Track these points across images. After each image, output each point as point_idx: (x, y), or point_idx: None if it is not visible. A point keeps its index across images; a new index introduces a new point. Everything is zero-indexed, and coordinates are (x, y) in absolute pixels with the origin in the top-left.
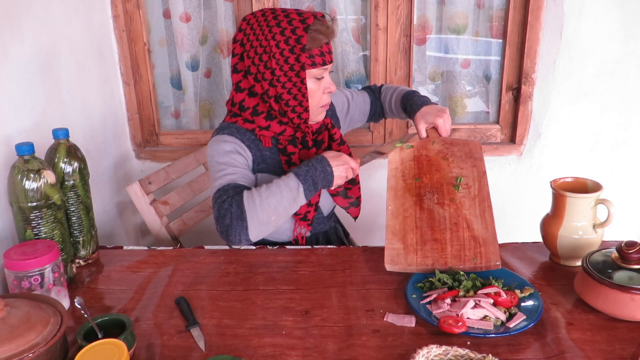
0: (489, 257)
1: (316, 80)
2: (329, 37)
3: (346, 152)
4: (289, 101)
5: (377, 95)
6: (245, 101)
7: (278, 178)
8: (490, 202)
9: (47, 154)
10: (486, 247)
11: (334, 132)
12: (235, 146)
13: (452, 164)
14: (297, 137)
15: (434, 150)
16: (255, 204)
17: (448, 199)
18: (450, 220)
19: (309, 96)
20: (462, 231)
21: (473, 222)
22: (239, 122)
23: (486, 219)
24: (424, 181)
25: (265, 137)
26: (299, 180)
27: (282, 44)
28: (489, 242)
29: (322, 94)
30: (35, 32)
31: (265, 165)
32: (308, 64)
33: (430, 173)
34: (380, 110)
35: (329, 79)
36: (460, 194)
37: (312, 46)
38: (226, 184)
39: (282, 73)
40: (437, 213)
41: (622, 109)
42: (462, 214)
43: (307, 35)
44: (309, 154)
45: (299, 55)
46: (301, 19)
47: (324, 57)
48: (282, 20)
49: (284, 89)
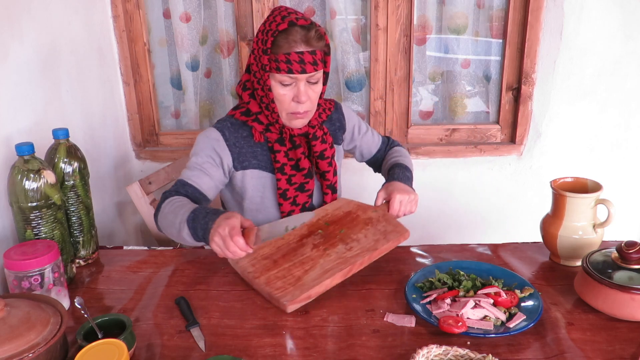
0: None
1: (283, 86)
2: (309, 45)
3: (324, 169)
4: (263, 97)
5: (386, 150)
6: (245, 97)
7: (257, 172)
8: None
9: (47, 154)
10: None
11: (314, 145)
12: (214, 144)
13: (364, 230)
14: (284, 136)
15: (367, 215)
16: (163, 213)
17: (323, 248)
18: (307, 256)
19: (275, 99)
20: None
21: (318, 264)
22: (237, 115)
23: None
24: (329, 228)
25: (256, 132)
26: (187, 221)
27: (259, 42)
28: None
29: (290, 101)
30: (35, 32)
31: (257, 161)
32: (272, 67)
33: (341, 224)
34: (380, 164)
35: (303, 88)
36: (337, 250)
37: (278, 51)
38: (180, 178)
39: (257, 69)
40: (303, 251)
41: (622, 109)
42: (318, 261)
43: (272, 39)
44: (297, 154)
45: (262, 57)
46: (278, 22)
47: (290, 65)
48: (269, 20)
49: (259, 85)
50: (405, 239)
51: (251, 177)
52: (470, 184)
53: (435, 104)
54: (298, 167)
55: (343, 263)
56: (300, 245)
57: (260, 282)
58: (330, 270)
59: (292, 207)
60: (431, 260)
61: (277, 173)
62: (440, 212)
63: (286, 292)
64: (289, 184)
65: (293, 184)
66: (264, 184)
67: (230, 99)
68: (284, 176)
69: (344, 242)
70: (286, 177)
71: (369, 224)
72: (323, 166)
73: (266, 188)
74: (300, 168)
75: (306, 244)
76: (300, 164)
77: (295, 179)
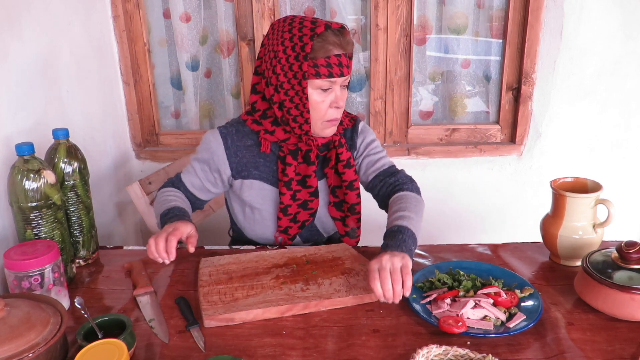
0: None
1: (321, 92)
2: (344, 49)
3: (351, 178)
4: (290, 109)
5: (390, 183)
6: (258, 103)
7: (257, 183)
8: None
9: (47, 154)
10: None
11: (341, 152)
12: (214, 151)
13: (335, 278)
14: (300, 148)
15: (352, 265)
16: (156, 199)
17: (281, 281)
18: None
19: (311, 107)
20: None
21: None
22: (248, 122)
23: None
24: (306, 266)
25: (266, 142)
26: (162, 213)
27: (288, 50)
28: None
29: (327, 107)
30: (35, 32)
31: (258, 172)
32: (311, 73)
33: (319, 266)
34: (378, 195)
35: (339, 93)
36: (293, 286)
37: (317, 55)
38: (178, 173)
39: (285, 79)
40: (262, 278)
41: (622, 109)
42: (266, 291)
43: (312, 43)
44: (308, 170)
45: (301, 63)
46: (312, 26)
47: (330, 68)
48: (295, 26)
49: (287, 96)
50: (370, 300)
51: (250, 188)
52: (470, 184)
53: (435, 104)
54: (305, 183)
55: (287, 300)
56: (266, 272)
57: (202, 291)
58: (270, 302)
59: (290, 224)
60: (431, 260)
61: (283, 187)
62: (440, 212)
63: (214, 307)
64: (293, 200)
65: (297, 200)
66: (263, 196)
67: (230, 99)
68: (289, 191)
69: (306, 281)
70: (291, 192)
71: (344, 274)
72: (349, 175)
73: (266, 200)
74: (307, 185)
75: (271, 273)
76: (307, 181)
77: (300, 195)
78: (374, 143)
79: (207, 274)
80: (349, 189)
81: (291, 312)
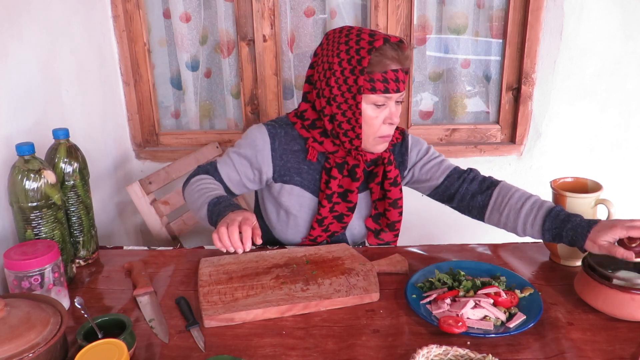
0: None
1: (376, 108)
2: (401, 63)
3: (396, 196)
4: (342, 123)
5: (472, 179)
6: (307, 112)
7: (297, 190)
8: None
9: (47, 154)
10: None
11: (389, 170)
12: (259, 150)
13: (335, 278)
14: (347, 162)
15: (352, 265)
16: (191, 187)
17: (281, 281)
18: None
19: (364, 123)
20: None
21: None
22: (298, 126)
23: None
24: (306, 266)
25: (313, 150)
26: (209, 204)
27: (344, 62)
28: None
29: (381, 123)
30: (35, 32)
31: (300, 178)
32: (367, 87)
33: (319, 266)
34: (457, 193)
35: (394, 109)
36: (293, 286)
37: (374, 70)
38: (215, 163)
39: (339, 93)
40: (262, 278)
41: (622, 109)
42: (266, 291)
43: (369, 57)
44: (351, 185)
45: (357, 77)
46: (370, 39)
47: (387, 84)
48: (352, 38)
49: (339, 109)
50: (370, 300)
51: (289, 193)
52: None
53: (435, 104)
54: (346, 197)
55: (287, 300)
56: (266, 272)
57: (202, 291)
58: (270, 303)
59: (321, 233)
60: (431, 260)
61: (324, 200)
62: (440, 212)
63: (214, 308)
64: (330, 212)
65: (333, 212)
66: (301, 203)
67: (230, 99)
68: (329, 204)
69: (306, 282)
70: (331, 205)
71: (344, 274)
72: (395, 194)
73: (303, 207)
74: (347, 199)
75: (271, 273)
76: (349, 196)
77: (338, 208)
78: (430, 150)
79: (207, 274)
80: (393, 206)
81: (291, 312)
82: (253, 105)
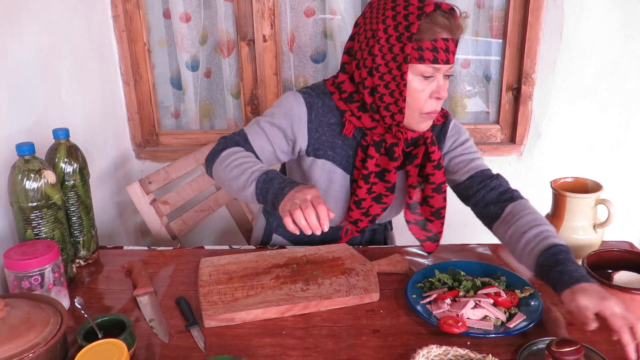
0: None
1: (423, 80)
2: (452, 33)
3: (439, 180)
4: (383, 96)
5: (493, 187)
6: (345, 84)
7: (329, 165)
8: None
9: (47, 154)
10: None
11: (433, 151)
12: (295, 120)
13: (335, 277)
14: (385, 140)
15: (352, 265)
16: (224, 162)
17: (281, 281)
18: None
19: (408, 96)
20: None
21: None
22: (335, 97)
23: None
24: (306, 266)
25: (350, 125)
26: (258, 180)
27: (390, 29)
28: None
29: (427, 97)
30: (35, 32)
31: (333, 153)
32: (414, 57)
33: (319, 266)
34: (474, 197)
35: (442, 82)
36: (293, 286)
37: (423, 37)
38: (244, 133)
39: (383, 62)
40: (262, 278)
41: (622, 109)
42: (266, 291)
43: (418, 23)
44: (389, 165)
45: (405, 44)
46: (420, 4)
47: (436, 53)
48: (400, 4)
49: (382, 80)
50: (370, 300)
51: (321, 168)
52: None
53: None
54: (383, 177)
55: (287, 300)
56: (266, 272)
57: (202, 291)
58: (270, 303)
59: (361, 217)
60: (431, 260)
61: (360, 180)
62: None
63: (214, 308)
64: (368, 193)
65: (372, 193)
66: (331, 179)
67: (230, 99)
68: (367, 185)
69: (306, 281)
70: (368, 186)
71: (345, 274)
72: (438, 177)
73: (333, 183)
74: (385, 179)
75: (271, 273)
76: (386, 175)
77: (376, 188)
78: (468, 142)
79: (207, 274)
80: (437, 191)
81: (291, 312)
82: (253, 105)
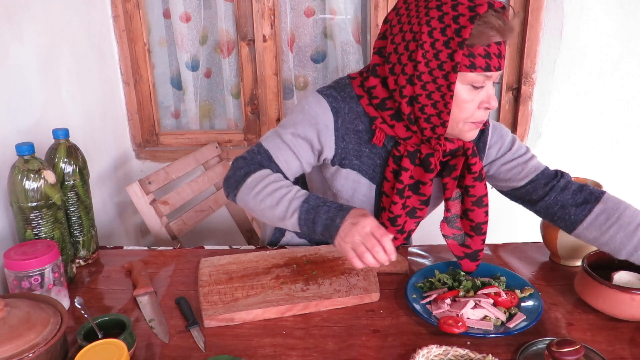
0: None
1: (472, 89)
2: (504, 35)
3: (481, 193)
4: (425, 107)
5: (563, 187)
6: (377, 89)
7: (354, 174)
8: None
9: (47, 154)
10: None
11: (474, 162)
12: (321, 129)
13: (335, 278)
14: (420, 150)
15: (352, 266)
16: (253, 190)
17: (281, 281)
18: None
19: (455, 107)
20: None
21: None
22: (364, 101)
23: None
24: (306, 266)
25: (381, 133)
26: (300, 210)
27: (436, 32)
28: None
29: (476, 108)
30: (35, 32)
31: (359, 162)
32: (465, 64)
33: (319, 266)
34: (541, 201)
35: (491, 91)
36: (293, 286)
37: (475, 42)
38: (265, 149)
39: (427, 70)
40: (263, 278)
41: (622, 109)
42: (266, 291)
43: (471, 27)
44: (424, 177)
45: (454, 51)
46: (470, 4)
47: (489, 59)
48: (446, 3)
49: (424, 90)
50: (370, 300)
51: (345, 178)
52: None
53: None
54: (417, 189)
55: (287, 300)
56: (266, 272)
57: (202, 291)
58: (270, 303)
59: (397, 235)
60: (431, 260)
61: (395, 195)
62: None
63: (214, 308)
64: (403, 209)
65: (405, 208)
66: (355, 189)
67: (230, 99)
68: (401, 200)
69: (306, 281)
70: (403, 200)
71: (344, 274)
72: (480, 190)
73: (357, 193)
74: (419, 192)
75: (271, 273)
76: (421, 188)
77: (409, 202)
78: (515, 144)
79: (207, 274)
80: (477, 205)
81: (291, 312)
82: (253, 105)
